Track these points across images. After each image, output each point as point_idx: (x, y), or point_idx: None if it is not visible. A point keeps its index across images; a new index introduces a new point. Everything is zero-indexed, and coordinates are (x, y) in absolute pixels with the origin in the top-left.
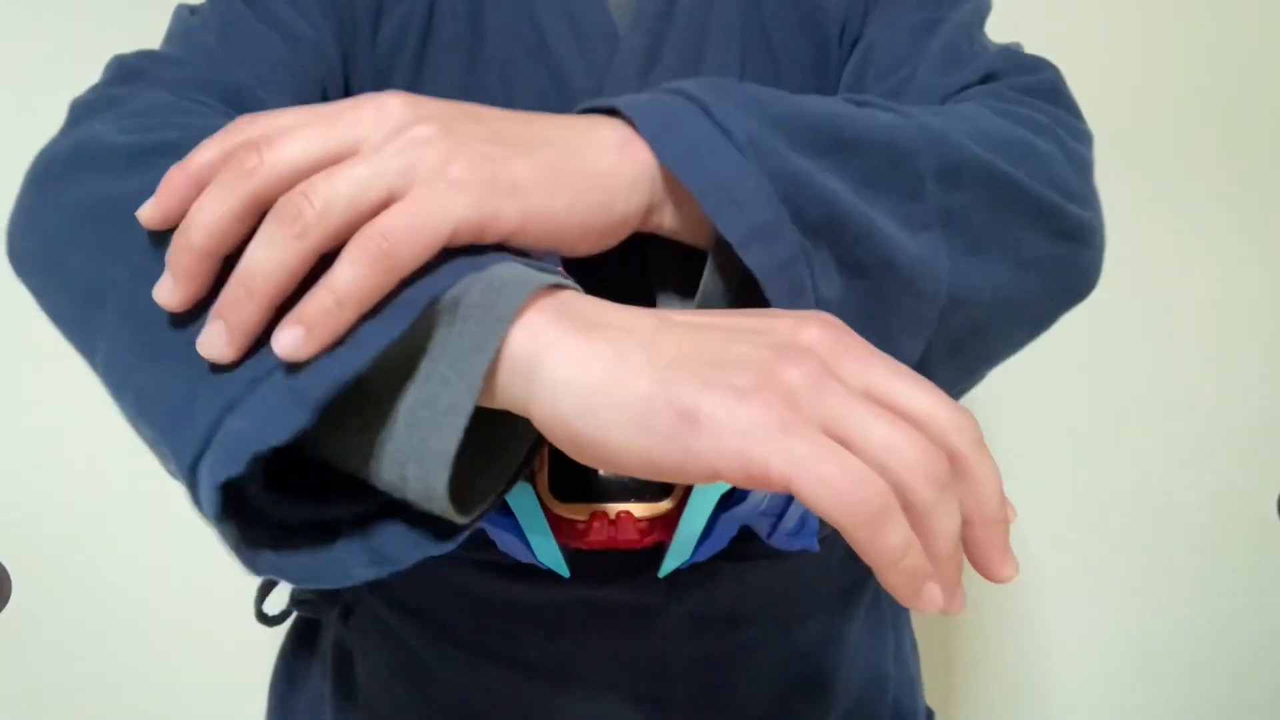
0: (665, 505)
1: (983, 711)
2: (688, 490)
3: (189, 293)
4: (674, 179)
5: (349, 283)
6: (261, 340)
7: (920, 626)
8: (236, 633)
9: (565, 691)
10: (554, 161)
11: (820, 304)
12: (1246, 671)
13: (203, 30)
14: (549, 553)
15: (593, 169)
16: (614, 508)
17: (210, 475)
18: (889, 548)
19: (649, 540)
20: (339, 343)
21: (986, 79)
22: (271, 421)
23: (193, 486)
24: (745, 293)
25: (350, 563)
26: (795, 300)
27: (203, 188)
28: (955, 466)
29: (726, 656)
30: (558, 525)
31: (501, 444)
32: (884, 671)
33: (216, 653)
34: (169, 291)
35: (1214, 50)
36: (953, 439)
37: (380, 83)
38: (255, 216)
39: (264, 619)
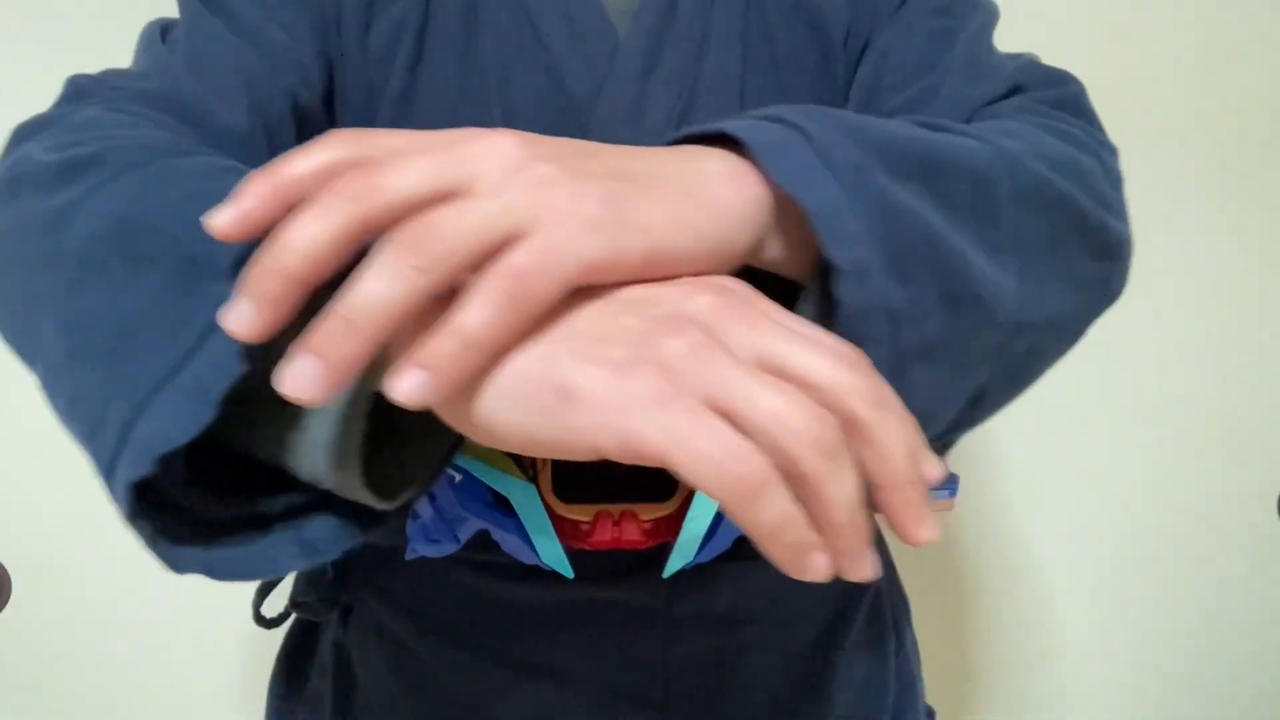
0: (670, 506)
1: (983, 710)
2: (692, 491)
3: (272, 320)
4: (779, 209)
5: (482, 325)
6: (178, 339)
7: (921, 625)
8: (236, 634)
9: (565, 691)
10: (673, 198)
11: (917, 345)
12: (1248, 671)
13: (158, 43)
14: (553, 554)
15: (710, 204)
16: (618, 508)
17: (121, 477)
18: (765, 523)
19: (653, 541)
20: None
21: (1013, 92)
22: (174, 421)
23: (112, 489)
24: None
25: (280, 555)
26: (872, 345)
27: (290, 200)
28: (855, 431)
29: (727, 656)
30: (561, 526)
31: (429, 426)
32: (884, 670)
33: (216, 653)
34: (248, 319)
35: (1209, 51)
36: (850, 402)
37: (373, 87)
38: (356, 246)
39: (262, 621)
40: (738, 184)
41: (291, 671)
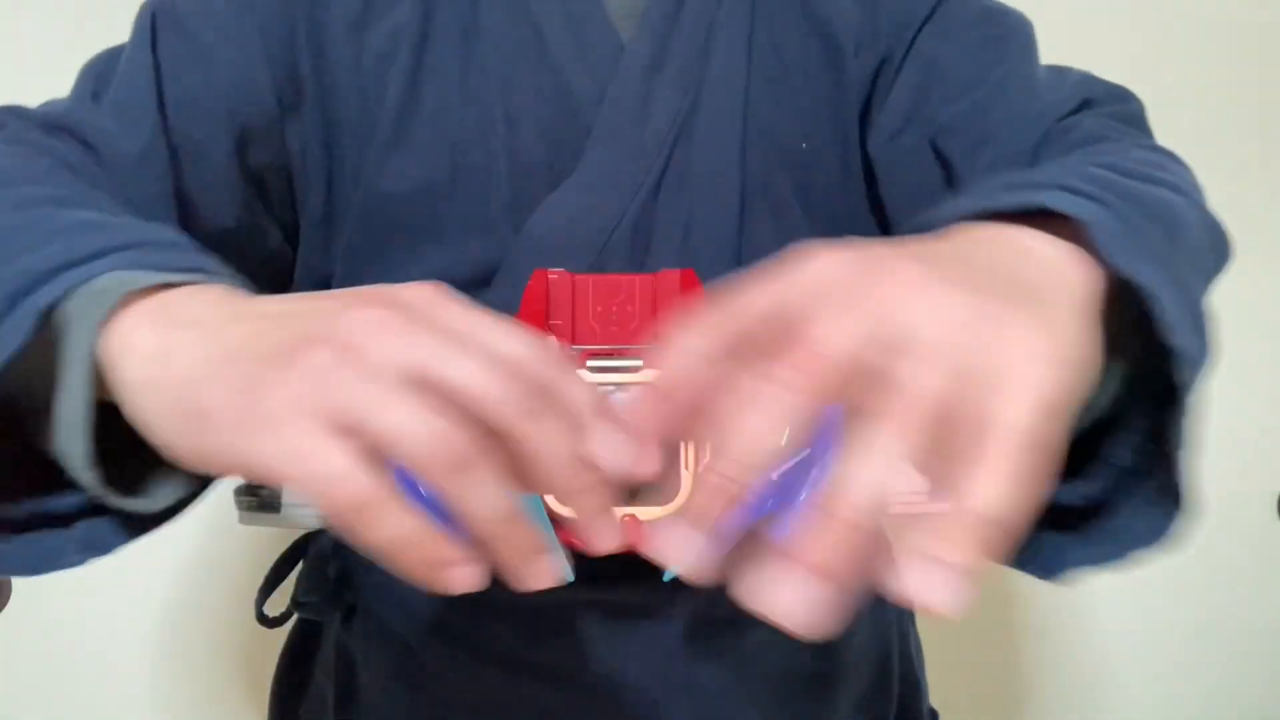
0: (671, 509)
1: (985, 713)
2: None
3: (726, 545)
4: (1102, 291)
5: (1001, 499)
6: None
7: (925, 629)
8: (238, 634)
9: (568, 693)
10: (1059, 306)
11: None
12: (1247, 671)
13: (89, 71)
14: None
15: (1076, 304)
16: (619, 510)
17: None
18: (379, 542)
19: None
20: None
21: (1083, 106)
22: None
23: None
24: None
25: (61, 551)
26: (1188, 436)
27: (688, 403)
28: (508, 441)
29: (730, 658)
30: (562, 527)
31: None
32: (888, 673)
33: (218, 654)
34: (696, 554)
35: (1209, 49)
36: (496, 412)
37: (369, 97)
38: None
39: (264, 621)
40: (1077, 269)
41: (294, 670)
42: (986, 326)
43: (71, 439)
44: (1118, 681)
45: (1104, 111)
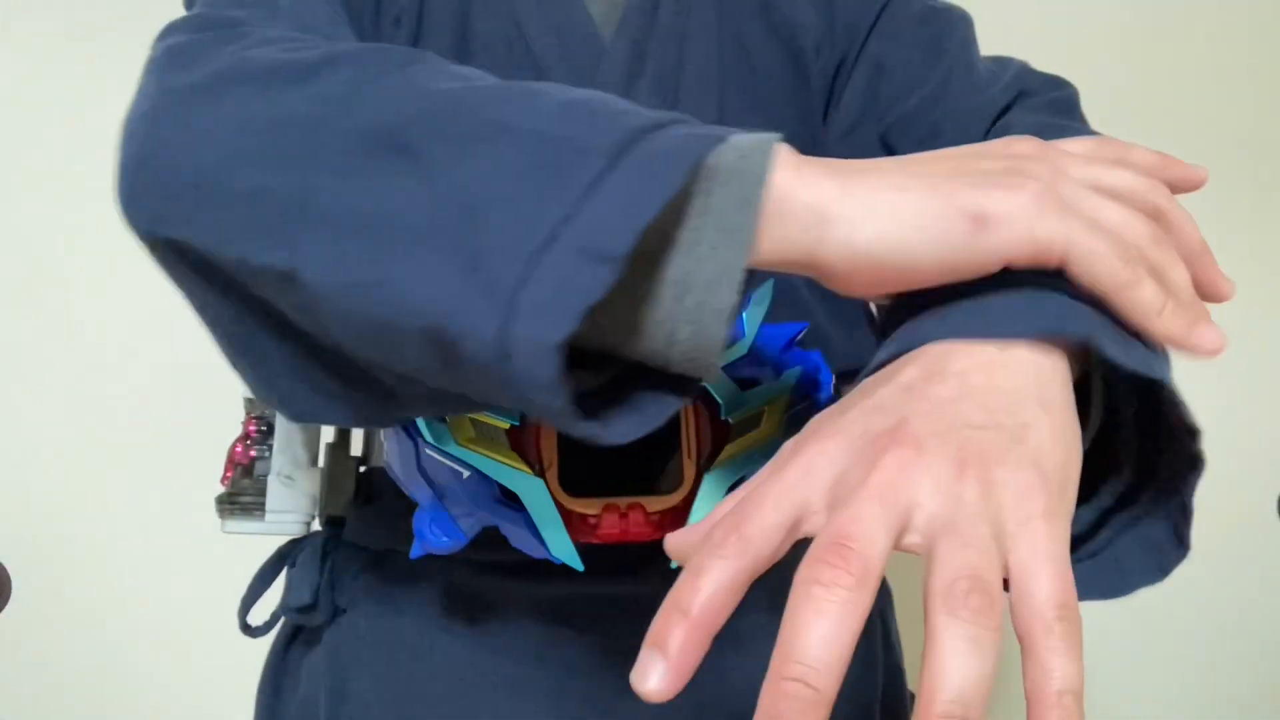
0: (675, 498)
1: None
2: (697, 482)
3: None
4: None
5: (1071, 668)
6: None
7: (903, 617)
8: (231, 634)
9: (568, 684)
10: (1047, 426)
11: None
12: (1246, 671)
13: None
14: (563, 547)
15: (1060, 403)
16: (625, 501)
17: (541, 334)
18: (1146, 300)
19: (660, 533)
20: (622, 203)
21: (1018, 98)
22: (580, 280)
23: (505, 357)
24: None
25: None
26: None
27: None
28: (1161, 219)
29: (730, 644)
30: (569, 519)
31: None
32: (874, 658)
33: (211, 653)
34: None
35: (1210, 55)
36: (1153, 200)
37: None
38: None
39: (247, 630)
40: (1059, 360)
41: (280, 675)
42: (979, 498)
43: (711, 296)
44: (1115, 680)
45: (1037, 102)
